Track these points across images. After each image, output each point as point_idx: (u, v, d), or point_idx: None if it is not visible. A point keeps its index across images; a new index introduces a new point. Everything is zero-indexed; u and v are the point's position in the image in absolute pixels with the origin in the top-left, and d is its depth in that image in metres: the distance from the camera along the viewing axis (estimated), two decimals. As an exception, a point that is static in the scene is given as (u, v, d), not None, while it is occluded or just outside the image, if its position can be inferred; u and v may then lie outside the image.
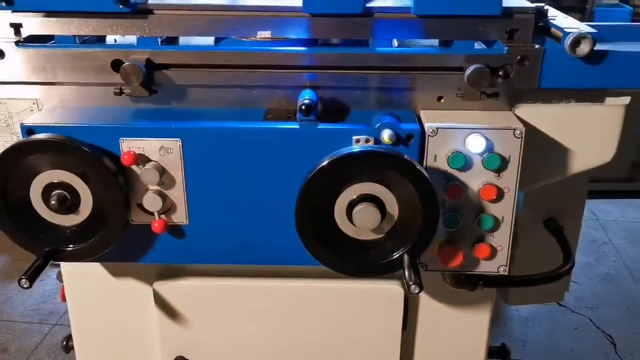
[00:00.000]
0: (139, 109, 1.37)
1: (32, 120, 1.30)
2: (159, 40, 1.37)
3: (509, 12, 1.30)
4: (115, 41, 1.47)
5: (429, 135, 1.28)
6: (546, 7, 1.44)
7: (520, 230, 1.85)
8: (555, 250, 1.72)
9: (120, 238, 1.32)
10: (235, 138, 1.29)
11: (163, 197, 1.31)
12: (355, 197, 1.25)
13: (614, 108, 1.37)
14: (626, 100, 1.36)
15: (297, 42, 1.38)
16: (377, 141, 1.26)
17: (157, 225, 1.32)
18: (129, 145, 1.27)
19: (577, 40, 1.27)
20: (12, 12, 1.33)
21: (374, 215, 1.23)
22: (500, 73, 1.31)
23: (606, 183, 2.52)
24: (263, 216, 1.34)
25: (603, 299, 3.22)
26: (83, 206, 1.29)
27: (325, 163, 1.23)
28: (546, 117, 1.37)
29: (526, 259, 1.81)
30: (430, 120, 1.30)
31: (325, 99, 1.36)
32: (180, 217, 1.35)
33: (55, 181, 1.27)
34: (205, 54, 1.35)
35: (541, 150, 1.40)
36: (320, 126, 1.28)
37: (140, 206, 1.32)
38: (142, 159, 1.28)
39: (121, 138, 1.27)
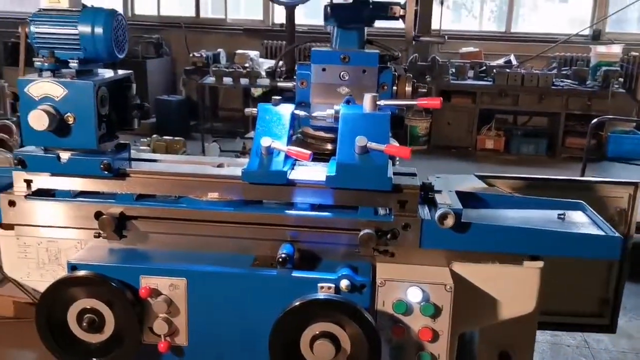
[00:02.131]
0: (157, 251, 1.77)
1: (75, 258, 1.71)
2: (134, 196, 1.80)
3: (399, 188, 1.69)
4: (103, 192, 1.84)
5: (378, 286, 1.63)
6: (433, 182, 1.84)
7: (477, 363, 2.13)
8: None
9: (133, 354, 1.67)
10: (227, 280, 1.66)
11: (169, 323, 1.67)
12: (317, 332, 1.59)
13: (531, 270, 1.70)
14: (540, 264, 1.70)
15: (239, 203, 1.77)
16: (337, 289, 1.62)
17: (162, 346, 1.67)
18: (146, 282, 1.66)
19: (444, 216, 1.64)
20: (26, 172, 1.78)
21: (330, 349, 1.56)
22: (388, 236, 1.68)
23: (578, 317, 2.79)
24: (246, 342, 1.68)
25: None
26: (107, 327, 1.66)
27: (294, 305, 1.58)
28: (476, 273, 1.72)
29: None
30: (381, 273, 1.66)
31: (302, 250, 1.74)
32: (181, 339, 1.70)
33: (88, 307, 1.65)
34: (164, 210, 1.77)
35: (473, 299, 1.72)
36: (294, 274, 1.65)
37: (151, 329, 1.68)
38: (155, 293, 1.66)
39: (141, 275, 1.66)
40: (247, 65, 8.95)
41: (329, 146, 2.15)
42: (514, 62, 9.39)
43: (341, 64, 2.06)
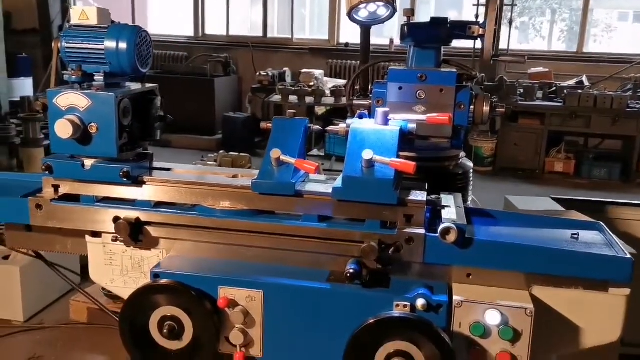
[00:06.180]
0: (235, 262, 1.81)
1: (158, 267, 1.77)
2: (152, 202, 1.85)
3: (404, 202, 1.67)
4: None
5: (455, 307, 1.61)
6: (441, 197, 1.81)
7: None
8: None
9: (209, 363, 1.70)
10: (303, 293, 1.68)
11: (245, 334, 1.70)
12: (391, 351, 1.58)
13: (617, 297, 1.63)
14: (626, 291, 1.63)
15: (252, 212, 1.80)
16: (413, 307, 1.60)
17: (238, 356, 1.70)
18: (224, 292, 1.69)
19: (446, 231, 1.60)
20: (53, 178, 1.87)
21: (405, 368, 1.55)
22: (392, 249, 1.66)
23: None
24: (320, 356, 1.69)
25: None
26: (185, 335, 1.70)
27: (370, 322, 1.58)
28: (558, 299, 1.66)
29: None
30: (458, 294, 1.64)
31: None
32: (256, 350, 1.72)
33: (168, 314, 1.70)
34: (179, 217, 1.82)
35: (555, 326, 1.67)
36: (370, 291, 1.65)
37: (227, 339, 1.71)
38: (232, 304, 1.69)
39: (219, 286, 1.70)
40: (312, 83, 9.06)
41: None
42: (586, 83, 9.10)
43: (418, 82, 2.07)
